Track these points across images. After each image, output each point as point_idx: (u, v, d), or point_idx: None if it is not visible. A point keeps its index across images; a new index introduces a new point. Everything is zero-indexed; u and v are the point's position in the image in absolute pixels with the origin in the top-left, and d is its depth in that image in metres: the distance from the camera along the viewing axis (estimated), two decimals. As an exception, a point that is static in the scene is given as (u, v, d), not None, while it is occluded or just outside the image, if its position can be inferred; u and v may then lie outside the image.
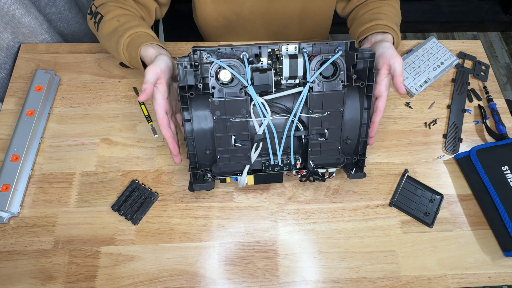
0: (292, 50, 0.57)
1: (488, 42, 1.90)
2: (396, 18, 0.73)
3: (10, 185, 0.64)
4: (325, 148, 0.60)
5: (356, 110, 0.60)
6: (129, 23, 0.66)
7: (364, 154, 0.62)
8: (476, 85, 0.83)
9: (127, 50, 0.65)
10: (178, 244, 0.65)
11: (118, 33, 0.65)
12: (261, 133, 0.58)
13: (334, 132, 0.59)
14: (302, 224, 0.67)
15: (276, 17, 0.86)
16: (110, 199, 0.67)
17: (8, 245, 0.63)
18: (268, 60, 0.57)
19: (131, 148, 0.72)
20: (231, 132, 0.57)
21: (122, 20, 0.67)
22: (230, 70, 0.53)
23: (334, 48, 0.58)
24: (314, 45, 0.58)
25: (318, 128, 0.58)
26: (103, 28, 0.67)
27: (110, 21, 0.67)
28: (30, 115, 0.70)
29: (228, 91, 0.55)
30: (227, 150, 0.58)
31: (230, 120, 0.56)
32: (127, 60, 0.66)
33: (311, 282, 0.63)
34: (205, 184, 0.61)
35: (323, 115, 0.57)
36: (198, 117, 0.58)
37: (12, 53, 0.81)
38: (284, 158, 0.61)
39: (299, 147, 0.62)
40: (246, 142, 0.58)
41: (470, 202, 0.71)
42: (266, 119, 0.56)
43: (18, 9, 0.74)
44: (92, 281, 0.61)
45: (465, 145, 0.76)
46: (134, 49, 0.63)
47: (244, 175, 0.61)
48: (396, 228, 0.68)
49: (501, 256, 0.66)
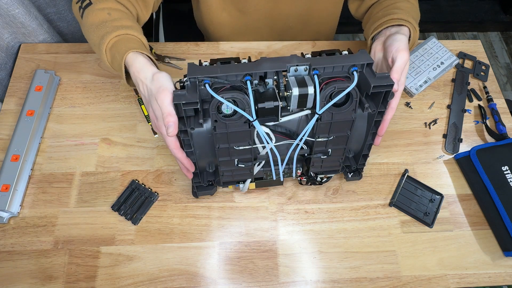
0: (302, 71, 0.51)
1: (488, 42, 1.90)
2: (414, 12, 0.67)
3: (10, 185, 0.64)
4: (326, 163, 0.60)
5: (362, 129, 0.58)
6: (121, 20, 0.60)
7: (364, 163, 0.63)
8: (476, 85, 0.83)
9: (111, 51, 0.58)
10: (178, 244, 0.65)
11: (106, 28, 0.58)
12: (264, 153, 0.57)
13: (338, 151, 0.58)
14: (302, 224, 0.67)
15: (281, 17, 0.85)
16: (110, 199, 0.67)
17: (8, 245, 0.63)
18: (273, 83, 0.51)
19: (131, 148, 0.72)
20: (234, 157, 0.56)
21: (113, 15, 0.60)
22: (233, 106, 0.48)
23: (349, 68, 0.51)
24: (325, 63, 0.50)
25: (322, 149, 0.57)
26: (89, 17, 0.60)
27: (100, 11, 0.60)
28: (30, 115, 0.70)
29: (231, 124, 0.50)
30: (230, 170, 0.59)
31: (234, 148, 0.54)
32: (107, 61, 0.59)
33: (311, 282, 0.63)
34: (208, 190, 0.63)
35: (329, 138, 0.55)
36: (200, 145, 0.55)
37: (12, 53, 0.81)
38: (286, 168, 0.62)
39: (301, 160, 0.63)
40: (249, 163, 0.57)
41: (470, 202, 0.71)
42: (269, 145, 0.54)
43: (18, 9, 0.74)
44: (92, 281, 0.61)
45: (465, 145, 0.76)
46: (119, 52, 0.56)
47: (246, 185, 0.63)
48: (396, 228, 0.68)
49: (501, 256, 0.66)
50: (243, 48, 0.85)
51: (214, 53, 0.83)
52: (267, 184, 0.66)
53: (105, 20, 0.59)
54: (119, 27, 0.58)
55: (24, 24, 0.77)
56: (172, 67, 0.81)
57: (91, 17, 0.60)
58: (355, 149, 0.62)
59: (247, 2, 0.81)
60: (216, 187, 0.65)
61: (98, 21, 0.59)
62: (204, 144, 0.55)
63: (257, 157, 0.58)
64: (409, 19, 0.63)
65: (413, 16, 0.65)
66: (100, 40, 0.58)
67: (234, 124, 0.50)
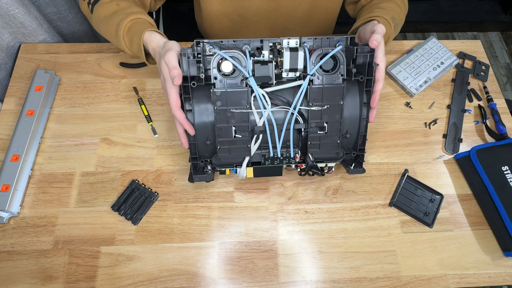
0: (293, 44, 0.58)
1: (488, 42, 1.90)
2: (394, 12, 0.72)
3: (10, 185, 0.64)
4: (324, 141, 0.60)
5: (355, 105, 0.60)
6: (130, 8, 0.66)
7: (364, 149, 0.62)
8: (476, 85, 0.83)
9: (128, 35, 0.64)
10: (178, 244, 0.65)
11: (119, 16, 0.64)
12: (261, 125, 0.58)
13: (334, 126, 0.59)
14: (302, 224, 0.67)
15: (281, 19, 0.86)
16: (110, 199, 0.67)
17: (8, 245, 0.63)
18: (269, 54, 0.58)
19: (131, 148, 0.72)
20: (231, 122, 0.57)
21: (122, 4, 0.66)
22: (231, 61, 0.54)
23: (335, 43, 0.58)
24: (315, 40, 0.59)
25: (317, 121, 0.58)
26: (100, 10, 0.66)
27: (109, 4, 0.66)
28: (30, 115, 0.70)
29: (230, 82, 0.55)
30: (227, 141, 0.58)
31: (231, 110, 0.56)
32: (125, 46, 0.65)
33: (311, 282, 0.63)
34: (205, 175, 0.61)
35: (323, 108, 0.57)
36: (200, 109, 0.59)
37: (12, 53, 0.81)
38: (283, 151, 0.61)
39: (298, 140, 0.62)
40: (246, 133, 0.58)
41: (470, 202, 0.71)
42: (266, 110, 0.56)
43: (18, 9, 0.74)
44: (92, 281, 0.61)
45: (465, 145, 0.76)
46: (136, 34, 0.63)
47: (243, 167, 0.61)
48: (396, 228, 0.68)
49: (501, 256, 0.66)
50: (243, 48, 0.85)
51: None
52: (266, 172, 0.64)
53: (116, 10, 0.66)
54: (130, 14, 0.65)
55: (24, 24, 0.77)
56: (172, 67, 0.81)
57: (102, 10, 0.66)
58: (352, 131, 0.62)
59: (249, 8, 0.82)
60: (213, 174, 0.63)
61: (110, 12, 0.66)
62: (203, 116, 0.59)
63: (254, 129, 0.59)
64: (384, 15, 0.67)
65: (392, 15, 0.69)
66: (117, 27, 0.64)
67: (232, 84, 0.55)
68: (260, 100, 0.56)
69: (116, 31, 0.64)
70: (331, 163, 0.64)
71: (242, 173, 0.62)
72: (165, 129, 0.74)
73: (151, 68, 0.80)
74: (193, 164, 0.61)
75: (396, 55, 0.86)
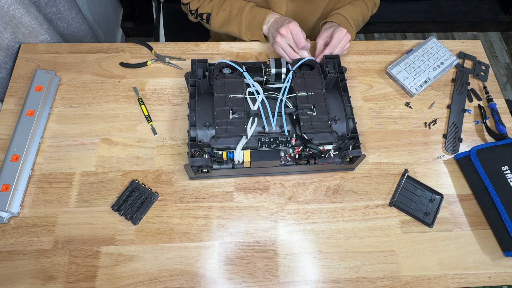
0: None
1: (488, 42, 1.90)
2: (353, 11, 0.81)
3: (10, 185, 0.64)
4: (315, 121, 0.65)
5: (339, 104, 0.69)
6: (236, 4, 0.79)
7: (356, 130, 0.67)
8: (476, 85, 0.83)
9: (249, 31, 0.80)
10: (178, 244, 0.65)
11: (235, 20, 0.79)
12: (256, 108, 0.65)
13: (321, 109, 0.66)
14: (302, 224, 0.67)
15: None
16: (110, 199, 0.67)
17: (8, 245, 0.63)
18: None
19: (131, 148, 0.72)
20: (229, 106, 0.64)
21: (227, 7, 0.80)
22: (230, 63, 0.68)
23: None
24: None
25: (305, 105, 0.66)
26: (215, 23, 0.82)
27: (218, 15, 0.81)
28: (30, 115, 0.70)
29: (228, 77, 0.67)
30: (225, 122, 0.63)
31: (229, 96, 0.65)
32: (248, 37, 0.81)
33: (311, 282, 0.63)
34: (201, 158, 0.62)
35: (308, 94, 0.67)
36: (202, 99, 0.67)
37: (12, 53, 0.81)
38: (279, 135, 0.65)
39: (292, 126, 0.66)
40: (242, 113, 0.64)
41: (470, 202, 0.71)
42: (260, 96, 0.66)
43: (18, 9, 0.74)
44: (92, 281, 0.61)
45: (465, 145, 0.76)
46: (257, 29, 0.79)
47: (239, 148, 0.63)
48: (396, 228, 0.68)
49: (501, 256, 0.66)
50: (243, 48, 0.85)
51: (214, 53, 0.84)
52: (264, 156, 0.64)
53: (226, 16, 0.80)
54: (239, 13, 0.79)
55: (24, 24, 0.77)
56: (172, 67, 0.81)
57: (217, 22, 0.82)
58: (341, 115, 0.68)
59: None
60: (209, 159, 0.63)
61: (223, 21, 0.81)
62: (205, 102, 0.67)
63: (250, 113, 0.65)
64: (343, 13, 0.79)
65: (352, 16, 0.80)
66: (239, 30, 0.80)
67: (230, 78, 0.67)
68: (253, 86, 0.67)
69: (239, 32, 0.80)
70: (328, 145, 0.67)
71: (239, 156, 0.64)
72: (165, 129, 0.74)
73: (151, 68, 0.80)
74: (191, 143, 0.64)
75: (396, 55, 0.86)
